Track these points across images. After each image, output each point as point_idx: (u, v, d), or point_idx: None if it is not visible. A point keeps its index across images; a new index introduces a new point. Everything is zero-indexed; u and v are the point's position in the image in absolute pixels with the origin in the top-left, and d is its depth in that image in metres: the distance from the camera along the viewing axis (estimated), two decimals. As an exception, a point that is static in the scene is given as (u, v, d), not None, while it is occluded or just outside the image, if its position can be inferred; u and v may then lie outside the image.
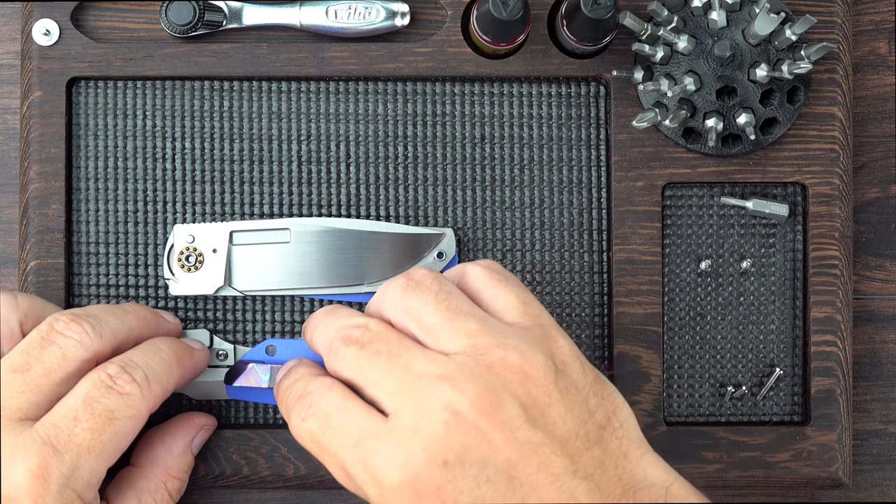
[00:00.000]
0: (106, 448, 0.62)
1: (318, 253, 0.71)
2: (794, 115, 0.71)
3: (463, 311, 0.60)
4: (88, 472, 0.61)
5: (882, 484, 0.75)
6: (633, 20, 0.68)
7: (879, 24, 0.75)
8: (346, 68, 0.72)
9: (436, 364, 0.58)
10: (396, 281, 0.62)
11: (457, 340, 0.59)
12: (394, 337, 0.60)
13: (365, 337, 0.60)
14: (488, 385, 0.57)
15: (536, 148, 0.73)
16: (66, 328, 0.63)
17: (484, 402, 0.56)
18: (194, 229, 0.71)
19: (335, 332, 0.61)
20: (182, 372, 0.66)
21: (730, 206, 0.72)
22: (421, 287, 0.61)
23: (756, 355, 0.73)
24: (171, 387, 0.65)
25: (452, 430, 0.56)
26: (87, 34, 0.71)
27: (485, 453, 0.56)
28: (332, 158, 0.72)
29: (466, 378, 0.57)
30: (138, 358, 0.64)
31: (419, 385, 0.57)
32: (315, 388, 0.60)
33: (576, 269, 0.72)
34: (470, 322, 0.59)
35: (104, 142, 0.72)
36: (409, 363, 0.58)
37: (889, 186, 0.75)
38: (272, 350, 0.70)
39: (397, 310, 0.61)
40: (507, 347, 0.58)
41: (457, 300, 0.60)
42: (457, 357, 0.58)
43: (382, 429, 0.57)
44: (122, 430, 0.62)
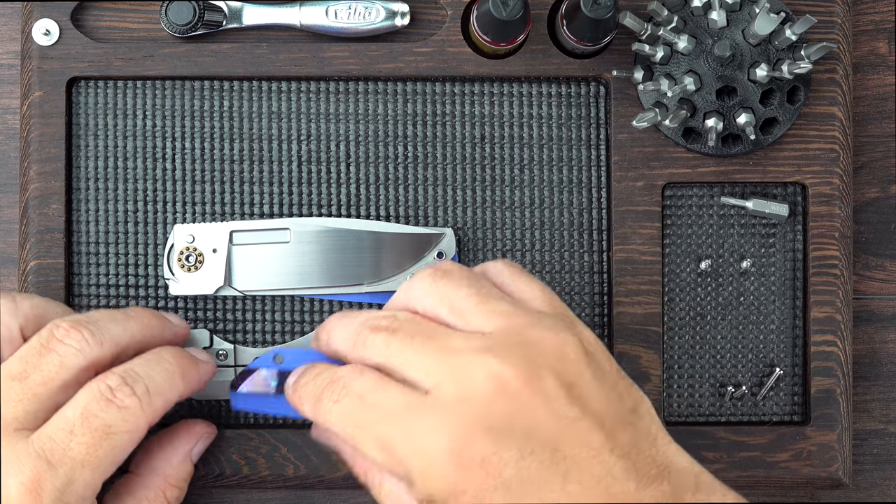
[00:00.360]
0: (101, 462, 0.61)
1: (318, 253, 0.71)
2: (794, 115, 0.71)
3: (494, 295, 0.61)
4: (83, 485, 0.61)
5: (882, 484, 0.75)
6: (633, 20, 0.68)
7: (879, 24, 0.75)
8: (346, 68, 0.72)
9: (473, 340, 0.58)
10: (424, 272, 0.62)
11: (490, 321, 0.59)
12: (423, 321, 0.60)
13: (394, 324, 0.60)
14: (528, 359, 0.57)
15: (536, 148, 0.73)
16: (66, 335, 0.62)
17: (525, 373, 0.57)
18: (194, 229, 0.71)
19: (360, 325, 0.61)
20: (186, 385, 0.65)
21: (730, 206, 0.72)
22: (451, 275, 0.61)
23: (756, 355, 0.73)
24: (174, 399, 0.64)
25: (498, 400, 0.56)
26: (87, 34, 0.71)
27: (529, 424, 0.56)
28: (332, 158, 0.72)
29: (507, 350, 0.57)
30: (141, 369, 0.63)
31: (460, 359, 0.57)
32: (346, 373, 0.60)
33: (576, 269, 0.72)
34: (502, 304, 0.60)
35: (104, 142, 0.72)
36: (445, 343, 0.58)
37: (889, 186, 0.75)
38: (280, 359, 0.68)
39: (429, 297, 0.61)
40: (541, 328, 0.59)
41: (487, 287, 0.61)
42: (492, 334, 0.59)
43: (425, 401, 0.57)
44: (119, 445, 0.62)
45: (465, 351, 0.58)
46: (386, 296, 0.72)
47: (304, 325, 0.72)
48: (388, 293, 0.71)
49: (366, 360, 0.60)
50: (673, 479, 0.57)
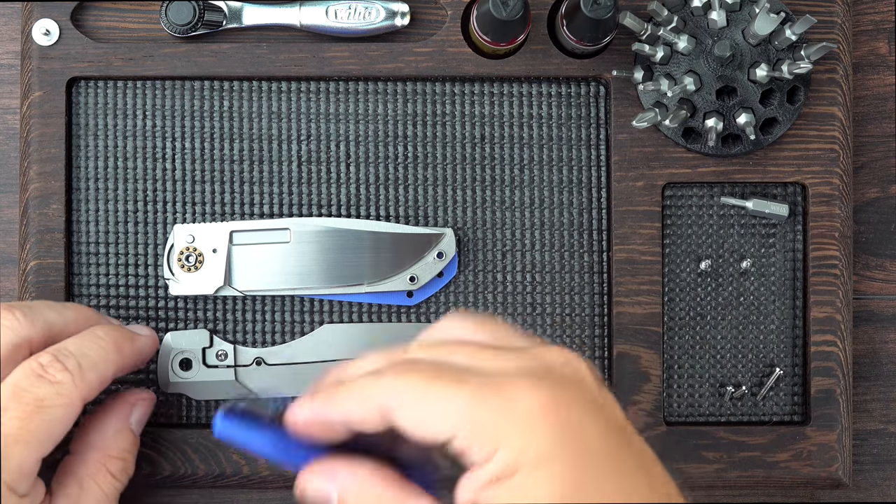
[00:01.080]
0: (34, 437, 0.60)
1: (318, 253, 0.71)
2: (794, 115, 0.71)
3: (509, 332, 0.57)
4: (17, 462, 0.60)
5: (882, 484, 0.75)
6: (633, 20, 0.68)
7: (879, 24, 0.75)
8: (346, 68, 0.72)
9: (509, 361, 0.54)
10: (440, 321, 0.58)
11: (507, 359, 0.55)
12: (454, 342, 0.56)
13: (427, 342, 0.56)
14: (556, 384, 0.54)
15: (536, 148, 0.73)
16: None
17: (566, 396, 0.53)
18: (194, 229, 0.71)
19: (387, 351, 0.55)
20: (121, 359, 0.65)
21: (730, 206, 0.72)
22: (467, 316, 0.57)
23: (756, 355, 0.73)
24: (110, 374, 0.64)
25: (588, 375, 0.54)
26: (87, 34, 0.71)
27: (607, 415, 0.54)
28: (332, 158, 0.72)
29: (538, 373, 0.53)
30: (73, 346, 0.63)
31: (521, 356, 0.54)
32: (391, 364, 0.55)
33: (576, 269, 0.72)
34: (519, 339, 0.56)
35: (104, 142, 0.72)
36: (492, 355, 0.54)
37: (889, 186, 0.75)
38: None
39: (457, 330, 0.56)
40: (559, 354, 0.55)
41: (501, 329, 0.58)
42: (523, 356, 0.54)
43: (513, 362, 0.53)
44: (53, 419, 0.61)
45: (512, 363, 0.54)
46: (386, 296, 0.72)
47: (304, 325, 0.72)
48: (388, 293, 0.72)
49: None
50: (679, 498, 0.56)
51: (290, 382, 0.72)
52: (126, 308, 0.72)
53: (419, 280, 0.71)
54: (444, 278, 0.72)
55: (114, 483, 0.66)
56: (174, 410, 0.72)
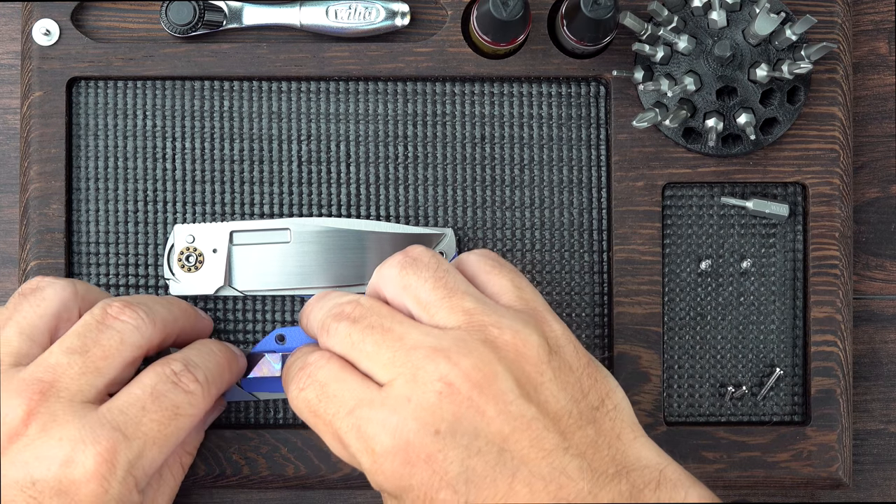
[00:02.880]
0: (168, 441, 0.62)
1: (318, 253, 0.71)
2: (794, 115, 0.71)
3: (460, 289, 0.61)
4: (150, 462, 0.61)
5: (882, 484, 0.75)
6: (633, 20, 0.68)
7: (879, 24, 0.75)
8: (346, 68, 0.72)
9: (430, 336, 0.58)
10: (394, 258, 0.62)
11: (452, 317, 0.60)
12: (385, 311, 0.60)
13: (356, 312, 0.61)
14: (483, 359, 0.58)
15: (536, 148, 0.73)
16: (122, 313, 0.63)
17: (478, 374, 0.57)
18: (194, 229, 0.71)
19: (327, 311, 0.62)
20: (231, 378, 0.67)
21: (730, 206, 0.72)
22: (419, 264, 0.62)
23: (756, 355, 0.73)
24: (224, 389, 0.66)
25: (445, 401, 0.57)
26: (87, 34, 0.71)
27: (477, 425, 0.56)
28: (332, 158, 0.72)
29: (461, 351, 0.58)
30: (197, 358, 0.64)
31: (413, 356, 0.58)
32: (314, 360, 0.61)
33: (576, 269, 0.72)
34: (466, 300, 0.60)
35: (104, 142, 0.72)
36: (402, 336, 0.59)
37: (889, 186, 0.75)
38: (282, 339, 0.70)
39: (395, 286, 0.61)
40: (502, 326, 0.59)
41: (454, 279, 0.61)
42: (452, 331, 0.59)
43: (377, 397, 0.58)
44: (183, 427, 0.62)
45: (419, 348, 0.58)
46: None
47: (305, 325, 0.72)
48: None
49: (331, 348, 0.61)
50: (633, 478, 0.57)
51: (290, 382, 0.72)
52: (126, 308, 0.72)
53: (419, 280, 0.71)
54: (445, 278, 0.72)
55: (181, 474, 0.67)
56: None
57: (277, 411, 0.72)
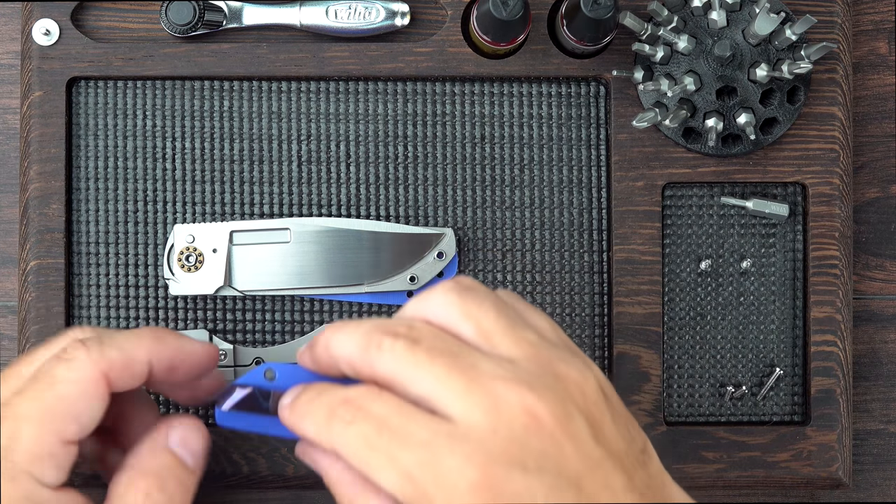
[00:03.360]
0: (46, 414, 0.57)
1: (318, 253, 0.71)
2: (794, 115, 0.71)
3: (520, 322, 0.57)
4: (29, 441, 0.57)
5: (882, 484, 0.75)
6: (633, 20, 0.68)
7: (879, 24, 0.75)
8: (346, 68, 0.72)
9: (503, 368, 0.55)
10: (445, 285, 0.58)
11: (517, 349, 0.56)
12: (448, 336, 0.56)
13: (413, 333, 0.56)
14: (560, 395, 0.55)
15: (536, 148, 0.73)
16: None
17: (559, 410, 0.54)
18: (194, 229, 0.71)
19: (371, 329, 0.56)
20: (158, 346, 0.61)
21: (730, 206, 0.72)
22: (477, 292, 0.58)
23: (756, 355, 0.73)
24: (141, 357, 0.60)
25: (532, 435, 0.54)
26: (87, 34, 0.71)
27: (559, 462, 0.54)
28: (332, 158, 0.72)
29: (541, 384, 0.55)
30: (105, 332, 0.61)
31: (492, 386, 0.54)
32: (360, 394, 0.56)
33: (576, 269, 0.72)
34: (529, 333, 0.57)
35: (104, 142, 0.72)
36: (474, 363, 0.55)
37: (889, 186, 0.75)
38: (271, 375, 0.61)
39: (452, 312, 0.57)
40: (567, 363, 0.56)
41: (513, 311, 0.58)
42: (523, 364, 0.56)
43: (454, 430, 0.54)
44: (65, 394, 0.58)
45: (497, 378, 0.54)
46: (386, 296, 0.72)
47: (304, 325, 0.72)
48: (388, 293, 0.72)
49: (381, 366, 0.56)
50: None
51: (290, 382, 0.72)
52: (126, 308, 0.72)
53: (419, 280, 0.71)
54: (445, 278, 0.72)
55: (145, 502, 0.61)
56: (174, 411, 0.72)
57: (277, 411, 0.72)
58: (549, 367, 0.56)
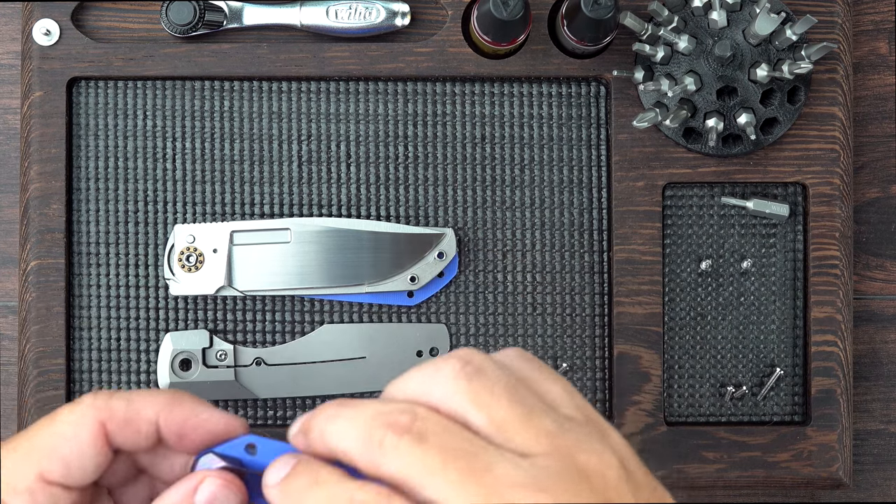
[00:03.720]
0: (33, 448, 0.55)
1: (318, 253, 0.71)
2: (794, 115, 0.71)
3: (537, 406, 0.52)
4: (8, 472, 0.55)
5: (882, 484, 0.75)
6: (633, 20, 0.68)
7: (879, 24, 0.75)
8: (346, 68, 0.72)
9: (522, 470, 0.50)
10: (451, 367, 0.52)
11: (535, 442, 0.51)
12: (457, 429, 0.50)
13: (419, 425, 0.50)
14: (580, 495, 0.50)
15: (537, 148, 0.73)
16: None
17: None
18: (195, 229, 0.71)
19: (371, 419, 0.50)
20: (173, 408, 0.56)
21: (730, 206, 0.72)
22: (485, 375, 0.52)
23: (756, 355, 0.73)
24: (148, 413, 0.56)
25: None
26: (87, 34, 0.71)
27: None
28: (332, 158, 0.72)
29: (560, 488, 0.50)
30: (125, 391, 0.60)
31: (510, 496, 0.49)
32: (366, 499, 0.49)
33: (576, 269, 0.72)
34: (545, 420, 0.52)
35: (104, 142, 0.72)
36: (490, 466, 0.50)
37: (889, 186, 0.75)
38: (253, 450, 0.54)
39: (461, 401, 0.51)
40: (587, 451, 0.52)
41: (525, 392, 0.53)
42: (541, 462, 0.51)
43: None
44: (57, 432, 0.55)
45: (514, 486, 0.49)
46: (386, 296, 0.72)
47: (304, 325, 0.72)
48: (388, 293, 0.71)
49: (386, 467, 0.50)
50: None
51: (290, 383, 0.72)
52: (126, 308, 0.72)
53: (420, 280, 0.71)
54: (445, 278, 0.72)
55: None
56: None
57: (277, 411, 0.72)
58: (569, 460, 0.51)
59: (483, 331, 0.72)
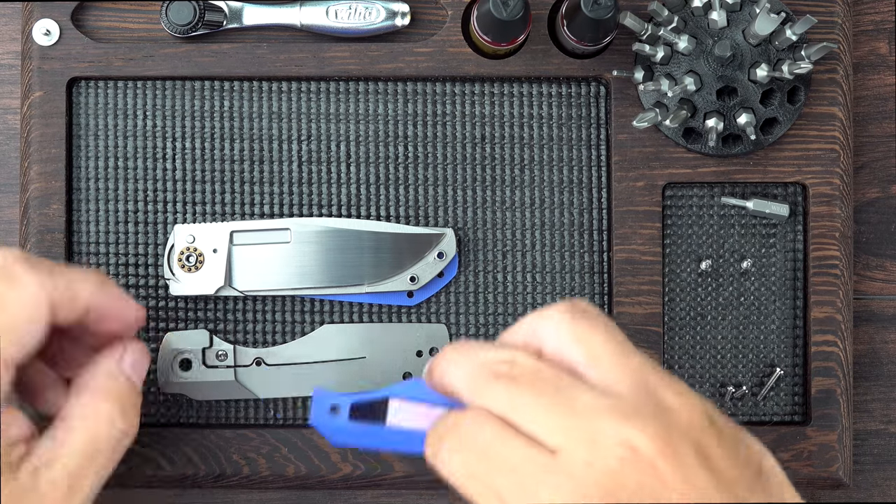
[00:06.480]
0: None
1: (318, 253, 0.71)
2: (794, 115, 0.71)
3: (629, 347, 0.57)
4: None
5: (882, 484, 0.75)
6: (633, 20, 0.68)
7: (879, 24, 0.75)
8: (346, 68, 0.72)
9: (605, 399, 0.55)
10: (560, 307, 0.58)
11: (624, 377, 0.56)
12: (548, 370, 0.57)
13: (516, 371, 0.57)
14: (662, 424, 0.54)
15: (537, 148, 0.73)
16: None
17: (660, 441, 0.54)
18: (194, 229, 0.71)
19: (477, 368, 0.58)
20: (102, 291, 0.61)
21: (730, 206, 0.72)
22: (589, 315, 0.58)
23: (756, 355, 0.73)
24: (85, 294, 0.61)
25: (628, 467, 0.53)
26: (87, 34, 0.71)
27: (659, 493, 0.53)
28: (332, 158, 0.72)
29: (641, 415, 0.54)
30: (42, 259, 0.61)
31: (590, 419, 0.54)
32: (470, 420, 0.57)
33: (576, 269, 0.72)
34: (636, 358, 0.57)
35: (104, 142, 0.72)
36: (573, 397, 0.55)
37: (889, 186, 0.75)
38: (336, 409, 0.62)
39: (564, 336, 0.57)
40: (673, 390, 0.56)
41: (621, 335, 0.58)
42: (626, 393, 0.56)
43: (550, 462, 0.54)
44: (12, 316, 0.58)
45: (596, 412, 0.54)
46: (386, 296, 0.72)
47: (304, 325, 0.72)
48: (388, 293, 0.72)
49: (488, 408, 0.57)
50: None
51: (290, 383, 0.72)
52: (126, 308, 0.72)
53: (419, 280, 0.71)
54: (445, 278, 0.72)
55: (108, 429, 0.61)
56: (174, 411, 0.72)
57: (278, 411, 0.72)
58: (653, 396, 0.55)
59: (483, 331, 0.72)
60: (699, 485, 0.54)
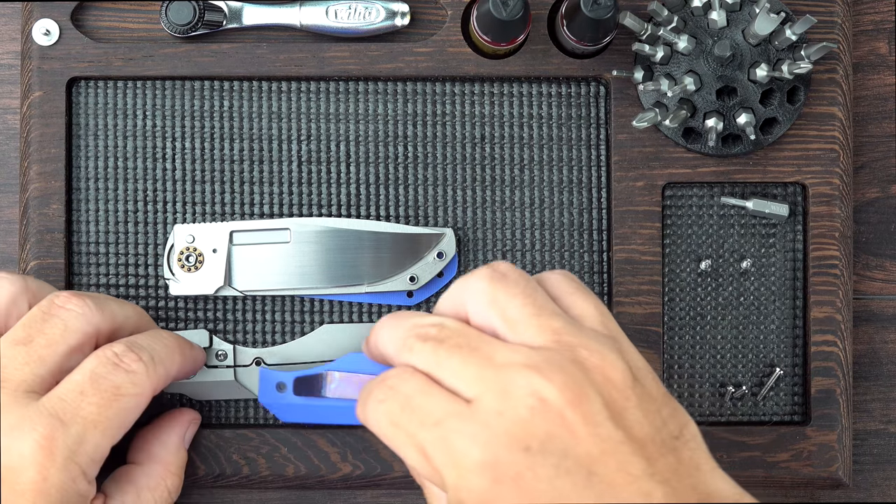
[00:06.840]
0: (111, 424, 0.62)
1: (318, 253, 0.71)
2: (794, 115, 0.71)
3: (548, 308, 0.59)
4: (93, 447, 0.61)
5: (882, 484, 0.75)
6: (633, 20, 0.68)
7: (879, 24, 0.75)
8: (346, 68, 0.72)
9: (520, 354, 0.57)
10: (480, 272, 0.61)
11: (540, 335, 0.58)
12: (473, 332, 0.59)
13: (442, 333, 0.59)
14: (574, 377, 0.56)
15: (536, 148, 0.73)
16: (67, 302, 0.63)
17: (569, 392, 0.56)
18: (194, 229, 0.71)
19: (407, 330, 0.60)
20: (183, 361, 0.66)
21: (730, 206, 0.72)
22: (507, 280, 0.60)
23: (756, 355, 0.73)
24: (174, 373, 0.66)
25: (537, 416, 0.55)
26: (87, 34, 0.71)
27: (567, 444, 0.55)
28: (332, 158, 0.72)
29: (553, 368, 0.56)
30: (143, 340, 0.64)
31: (503, 372, 0.56)
32: (396, 373, 0.59)
33: (576, 269, 0.72)
34: (554, 320, 0.59)
35: (104, 142, 0.72)
36: (490, 354, 0.57)
37: (889, 186, 0.75)
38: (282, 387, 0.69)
39: (482, 300, 0.60)
40: (591, 349, 0.57)
41: (542, 297, 0.60)
42: (541, 350, 0.57)
43: (465, 411, 0.56)
44: (127, 408, 0.62)
45: (509, 364, 0.57)
46: (386, 296, 0.72)
47: (304, 325, 0.72)
48: (388, 293, 0.72)
49: (414, 365, 0.59)
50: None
51: (290, 382, 0.72)
52: (126, 308, 0.72)
53: (419, 280, 0.71)
54: (445, 278, 0.72)
55: (168, 500, 0.67)
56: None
57: (277, 411, 0.72)
58: (569, 353, 0.57)
59: (483, 331, 0.72)
60: (607, 437, 0.55)
